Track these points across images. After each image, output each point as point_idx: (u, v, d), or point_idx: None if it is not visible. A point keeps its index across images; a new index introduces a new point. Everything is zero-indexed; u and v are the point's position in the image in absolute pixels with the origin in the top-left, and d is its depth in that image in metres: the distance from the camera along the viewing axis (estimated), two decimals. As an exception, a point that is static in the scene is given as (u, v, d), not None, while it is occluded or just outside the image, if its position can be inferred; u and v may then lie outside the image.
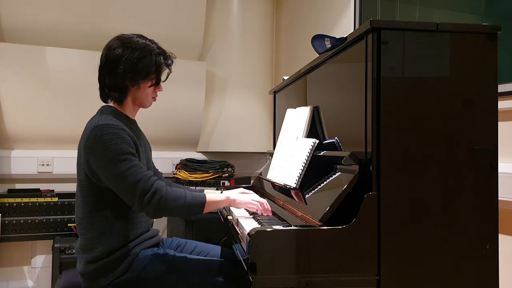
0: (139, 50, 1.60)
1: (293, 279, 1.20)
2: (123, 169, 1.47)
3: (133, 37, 1.65)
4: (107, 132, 1.49)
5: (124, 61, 1.59)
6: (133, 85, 1.63)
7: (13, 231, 2.72)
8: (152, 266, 1.57)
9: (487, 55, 1.30)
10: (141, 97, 1.67)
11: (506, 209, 1.56)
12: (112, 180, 1.49)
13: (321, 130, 1.67)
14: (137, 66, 1.60)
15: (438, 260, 1.26)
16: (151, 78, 1.64)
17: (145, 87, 1.65)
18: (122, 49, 1.60)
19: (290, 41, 3.35)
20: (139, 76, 1.61)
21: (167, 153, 3.25)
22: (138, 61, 1.59)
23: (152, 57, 1.62)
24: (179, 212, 1.56)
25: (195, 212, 1.55)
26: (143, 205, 1.47)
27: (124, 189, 1.49)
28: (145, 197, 1.46)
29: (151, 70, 1.62)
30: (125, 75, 1.60)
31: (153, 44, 1.66)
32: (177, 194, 1.51)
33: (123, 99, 1.65)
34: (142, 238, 1.64)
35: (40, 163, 2.92)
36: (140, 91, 1.65)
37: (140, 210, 1.51)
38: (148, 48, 1.63)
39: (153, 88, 1.68)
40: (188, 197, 1.53)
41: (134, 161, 1.51)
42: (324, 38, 1.50)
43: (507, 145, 1.58)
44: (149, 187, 1.47)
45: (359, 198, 1.23)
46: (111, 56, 1.61)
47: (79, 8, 2.88)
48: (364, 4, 2.51)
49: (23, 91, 2.81)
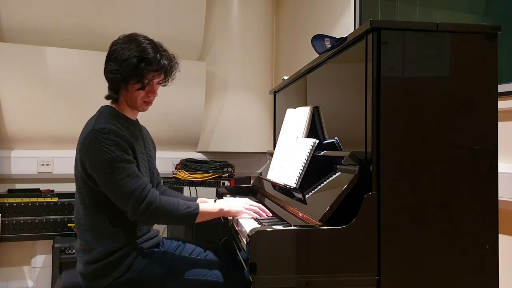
0: (130, 51, 1.57)
1: (293, 279, 1.20)
2: (118, 178, 1.48)
3: (138, 37, 1.61)
4: (102, 137, 1.49)
5: (113, 60, 1.58)
6: (121, 85, 1.61)
7: (13, 231, 2.71)
8: (151, 267, 1.57)
9: (487, 55, 1.30)
10: (130, 100, 1.64)
11: (506, 209, 1.56)
12: (107, 187, 1.50)
13: (321, 130, 1.67)
14: (120, 67, 1.57)
15: (438, 260, 1.26)
16: (133, 82, 1.59)
17: (133, 90, 1.61)
18: (118, 46, 1.59)
19: (290, 41, 3.35)
20: (122, 78, 1.57)
21: (167, 153, 3.25)
22: (122, 62, 1.56)
23: (135, 59, 1.55)
24: (171, 222, 1.63)
25: (188, 223, 1.59)
26: (137, 214, 1.50)
27: (118, 197, 1.51)
28: (139, 207, 1.49)
29: (132, 74, 1.57)
30: (110, 74, 1.59)
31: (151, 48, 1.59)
32: (170, 204, 1.53)
33: (118, 98, 1.65)
34: (142, 239, 1.64)
35: (40, 163, 2.92)
36: (128, 94, 1.62)
37: (133, 218, 1.53)
38: (139, 49, 1.57)
39: (143, 92, 1.61)
40: (181, 208, 1.54)
41: (129, 169, 1.51)
42: (324, 38, 1.50)
43: (507, 145, 1.58)
44: (143, 197, 1.49)
45: (359, 198, 1.23)
46: (108, 52, 1.62)
47: (79, 8, 2.87)
48: (364, 4, 2.51)
49: (23, 91, 2.81)
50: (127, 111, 1.67)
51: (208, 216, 1.60)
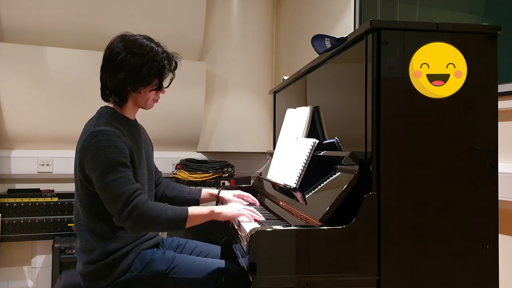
0: (142, 56, 1.55)
1: (293, 279, 1.20)
2: (110, 179, 1.46)
3: (138, 39, 1.59)
4: (101, 139, 1.48)
5: (127, 67, 1.54)
6: (134, 90, 1.60)
7: (13, 231, 2.72)
8: (152, 267, 1.57)
9: (487, 55, 1.30)
10: (141, 101, 1.64)
11: (506, 209, 1.56)
12: (99, 188, 1.49)
13: (321, 130, 1.67)
14: (140, 73, 1.56)
15: (438, 260, 1.26)
16: (153, 84, 1.61)
17: (146, 92, 1.62)
18: (125, 53, 1.55)
19: (290, 41, 3.35)
20: (141, 83, 1.58)
21: (167, 153, 3.25)
22: (140, 68, 1.55)
23: (155, 63, 1.57)
24: (159, 228, 1.55)
25: (177, 227, 1.54)
26: (122, 219, 1.46)
27: (107, 200, 1.48)
28: (124, 211, 1.45)
29: (153, 76, 1.58)
30: (126, 81, 1.56)
31: (158, 47, 1.60)
32: (157, 210, 1.49)
33: (124, 103, 1.63)
34: (142, 239, 1.64)
35: (40, 163, 2.92)
36: (141, 96, 1.62)
37: (118, 224, 1.49)
38: (152, 53, 1.57)
39: (154, 92, 1.64)
40: (169, 212, 1.50)
41: (123, 172, 1.49)
42: (324, 38, 1.50)
43: (507, 145, 1.58)
44: (130, 201, 1.45)
45: (359, 198, 1.23)
46: (114, 59, 1.56)
47: (79, 8, 2.88)
48: (364, 4, 2.51)
49: (23, 91, 2.81)
50: (127, 112, 1.66)
51: (199, 219, 1.55)
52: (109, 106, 1.65)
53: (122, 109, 1.65)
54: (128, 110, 1.66)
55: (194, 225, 1.55)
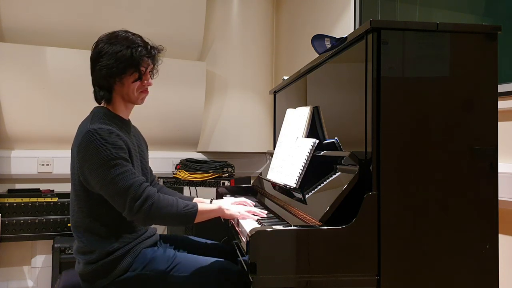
0: (118, 44, 1.57)
1: (293, 279, 1.20)
2: (114, 174, 1.46)
3: (120, 33, 1.62)
4: (99, 137, 1.48)
5: (104, 56, 1.57)
6: (115, 81, 1.60)
7: (13, 231, 2.71)
8: (153, 266, 1.57)
9: (487, 55, 1.30)
10: (128, 94, 1.63)
11: (506, 209, 1.56)
12: (103, 185, 1.48)
13: (321, 130, 1.67)
14: (116, 61, 1.56)
15: (438, 260, 1.26)
16: (130, 73, 1.59)
17: (129, 82, 1.61)
18: (103, 44, 1.59)
19: (290, 41, 3.35)
20: (118, 70, 1.57)
21: (167, 153, 3.25)
22: (115, 55, 1.56)
23: (128, 49, 1.57)
24: (170, 221, 1.55)
25: (187, 222, 1.54)
26: (134, 211, 1.45)
27: (114, 195, 1.48)
28: (136, 203, 1.45)
29: (128, 64, 1.58)
30: (106, 70, 1.57)
31: (137, 38, 1.62)
32: (168, 201, 1.50)
33: (111, 98, 1.63)
34: (142, 238, 1.64)
35: (40, 163, 2.92)
36: (125, 87, 1.62)
37: (130, 217, 1.49)
38: (127, 41, 1.59)
39: (139, 83, 1.63)
40: (180, 205, 1.51)
41: (126, 166, 1.49)
42: (324, 38, 1.50)
43: (507, 145, 1.58)
44: (140, 193, 1.46)
45: (359, 198, 1.23)
46: (94, 53, 1.61)
47: (79, 8, 2.88)
48: (364, 4, 2.51)
49: (23, 91, 2.81)
50: (120, 111, 1.67)
51: (208, 215, 1.58)
52: (102, 106, 1.66)
53: (114, 107, 1.65)
54: (120, 107, 1.66)
55: (202, 220, 1.56)
